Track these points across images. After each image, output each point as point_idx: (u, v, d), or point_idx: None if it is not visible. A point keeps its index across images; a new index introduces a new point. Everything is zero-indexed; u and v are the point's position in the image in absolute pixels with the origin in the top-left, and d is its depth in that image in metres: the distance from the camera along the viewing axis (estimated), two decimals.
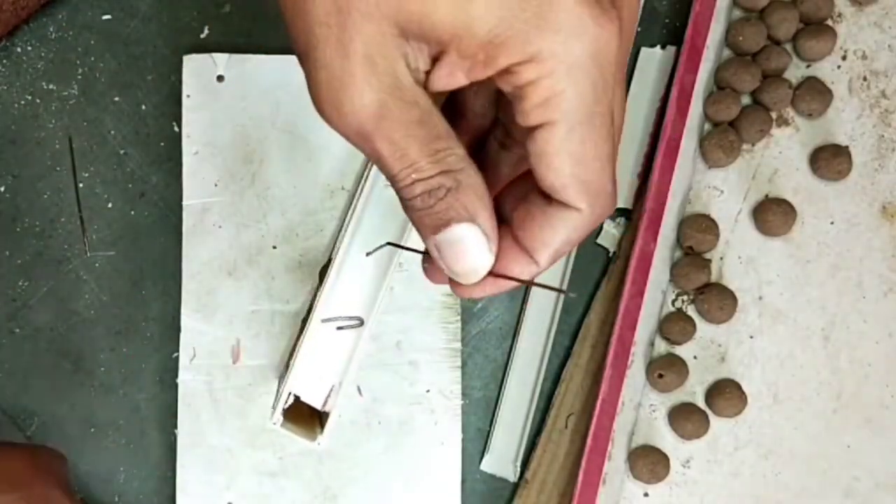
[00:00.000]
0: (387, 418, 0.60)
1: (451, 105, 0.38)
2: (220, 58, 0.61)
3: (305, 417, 0.45)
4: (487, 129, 0.39)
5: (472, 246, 0.34)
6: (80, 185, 0.63)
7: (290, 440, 0.60)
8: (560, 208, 0.33)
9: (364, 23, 0.31)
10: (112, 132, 0.63)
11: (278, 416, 0.44)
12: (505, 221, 0.35)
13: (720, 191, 0.62)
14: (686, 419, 0.59)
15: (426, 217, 0.34)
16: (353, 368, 0.42)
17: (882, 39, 0.62)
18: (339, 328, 0.42)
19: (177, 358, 0.61)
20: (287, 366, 0.53)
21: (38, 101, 0.63)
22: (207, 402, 0.60)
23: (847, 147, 0.61)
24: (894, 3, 0.62)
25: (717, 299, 0.60)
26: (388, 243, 0.37)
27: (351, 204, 0.59)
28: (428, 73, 0.33)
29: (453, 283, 0.35)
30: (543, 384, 0.62)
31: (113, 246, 0.62)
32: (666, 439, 0.60)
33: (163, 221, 0.62)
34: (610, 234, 0.63)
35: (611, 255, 0.63)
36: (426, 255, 0.35)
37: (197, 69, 0.61)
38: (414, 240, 0.39)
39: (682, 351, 0.60)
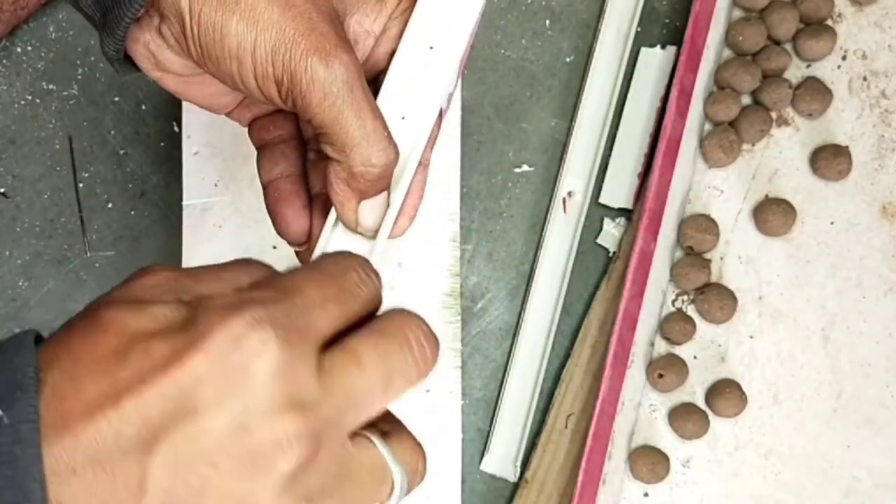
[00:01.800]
0: None
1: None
2: None
3: None
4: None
5: (383, 206, 0.40)
6: (80, 185, 0.63)
7: None
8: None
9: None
10: (112, 132, 0.63)
11: None
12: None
13: (720, 191, 0.62)
14: (686, 419, 0.59)
15: (374, 184, 0.39)
16: None
17: (882, 39, 0.62)
18: None
19: None
20: None
21: (38, 101, 0.63)
22: None
23: (847, 147, 0.61)
24: (894, 3, 0.62)
25: (717, 299, 0.60)
26: None
27: None
28: None
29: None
30: (543, 384, 0.62)
31: (113, 246, 0.62)
32: (666, 439, 0.60)
33: (163, 221, 0.62)
34: (610, 234, 0.63)
35: (611, 255, 0.63)
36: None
37: None
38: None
39: (682, 351, 0.60)
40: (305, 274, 0.31)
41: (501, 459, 0.61)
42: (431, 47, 0.41)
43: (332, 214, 0.41)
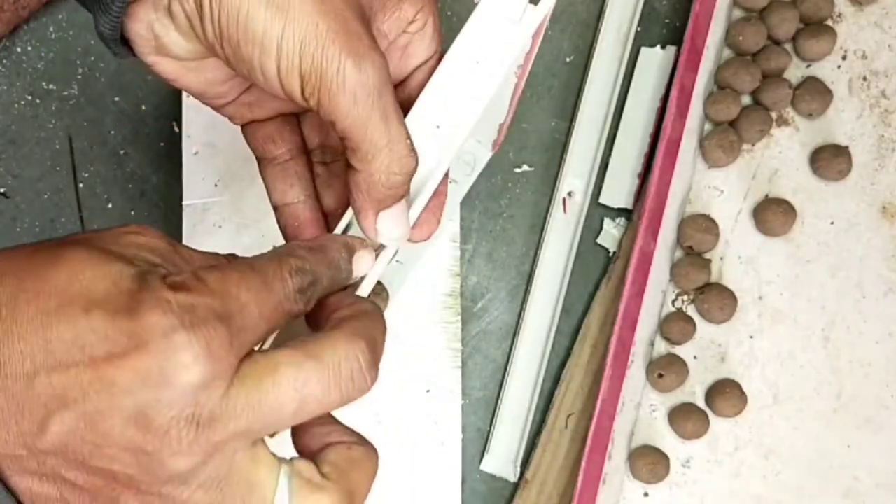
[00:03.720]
0: (387, 418, 0.60)
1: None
2: None
3: None
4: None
5: (402, 217, 0.39)
6: (80, 185, 0.63)
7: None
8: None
9: None
10: (112, 132, 0.63)
11: None
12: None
13: (720, 191, 0.62)
14: (686, 419, 0.59)
15: (394, 192, 0.38)
16: None
17: (882, 39, 0.62)
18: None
19: None
20: None
21: (38, 101, 0.63)
22: None
23: (847, 147, 0.61)
24: (894, 3, 0.62)
25: (717, 299, 0.60)
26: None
27: None
28: None
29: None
30: (543, 384, 0.62)
31: None
32: (666, 439, 0.60)
33: (163, 221, 0.62)
34: (610, 234, 0.63)
35: (611, 255, 0.63)
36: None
37: None
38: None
39: (682, 351, 0.60)
40: (251, 289, 0.32)
41: (501, 459, 0.61)
42: (478, 62, 0.40)
43: (343, 220, 0.41)
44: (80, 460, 0.30)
